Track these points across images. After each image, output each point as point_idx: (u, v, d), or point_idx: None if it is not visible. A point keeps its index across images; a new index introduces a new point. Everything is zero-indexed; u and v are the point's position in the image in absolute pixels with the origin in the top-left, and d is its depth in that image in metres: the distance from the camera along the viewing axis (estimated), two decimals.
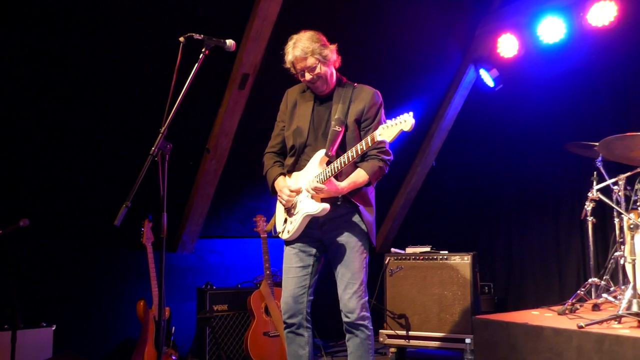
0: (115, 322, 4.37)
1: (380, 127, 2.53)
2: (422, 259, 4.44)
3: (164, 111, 2.38)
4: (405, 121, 2.46)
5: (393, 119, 2.49)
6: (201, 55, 2.50)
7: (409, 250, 4.63)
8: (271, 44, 4.20)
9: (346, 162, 2.62)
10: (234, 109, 4.41)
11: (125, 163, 4.14)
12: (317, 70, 2.76)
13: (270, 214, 5.11)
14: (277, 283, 4.39)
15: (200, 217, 4.76)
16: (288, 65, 2.82)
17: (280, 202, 2.88)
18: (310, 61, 2.75)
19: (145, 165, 2.29)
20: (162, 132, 2.37)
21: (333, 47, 2.83)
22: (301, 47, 2.75)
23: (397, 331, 4.36)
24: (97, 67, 3.88)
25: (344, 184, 2.70)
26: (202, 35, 2.51)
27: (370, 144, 2.56)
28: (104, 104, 4.04)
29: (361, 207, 2.78)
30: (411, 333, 4.33)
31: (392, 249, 4.64)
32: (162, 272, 2.29)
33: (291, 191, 2.78)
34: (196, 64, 2.49)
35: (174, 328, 4.02)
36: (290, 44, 2.80)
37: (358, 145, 2.59)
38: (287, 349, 2.87)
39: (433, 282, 4.34)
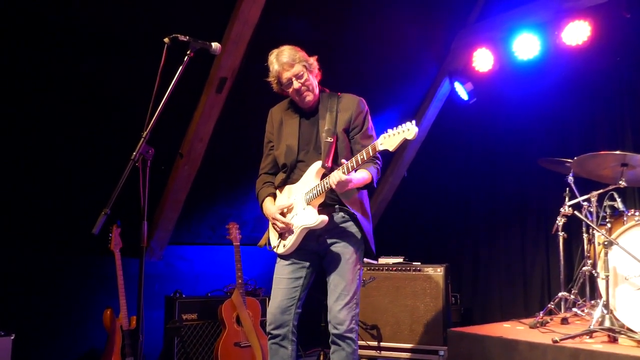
0: (79, 331, 4.20)
1: (382, 136, 2.50)
2: (395, 270, 4.44)
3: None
4: (409, 130, 2.43)
5: (395, 127, 2.46)
6: (186, 57, 2.44)
7: (382, 260, 4.62)
8: (251, 48, 4.13)
9: (346, 173, 2.58)
10: (210, 114, 4.31)
11: (94, 167, 3.99)
12: (305, 78, 2.74)
13: (243, 220, 5.05)
14: (248, 292, 4.31)
15: (170, 223, 4.63)
16: (272, 77, 2.79)
17: (276, 230, 2.82)
18: (298, 68, 2.73)
19: (126, 170, 2.20)
20: (144, 136, 2.29)
21: (314, 58, 2.83)
22: (287, 54, 2.74)
23: (368, 342, 4.34)
24: (74, 69, 3.72)
25: (357, 175, 2.64)
26: (187, 37, 2.44)
27: (371, 154, 2.53)
28: (75, 107, 3.88)
29: (358, 215, 2.76)
30: (383, 344, 4.32)
31: (365, 259, 4.61)
32: (141, 282, 2.20)
33: (281, 211, 2.75)
34: (180, 67, 2.42)
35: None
36: (273, 56, 2.78)
37: (358, 155, 2.55)
38: None
39: (405, 293, 4.34)
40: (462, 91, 5.48)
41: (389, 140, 2.46)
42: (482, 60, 5.28)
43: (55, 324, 4.10)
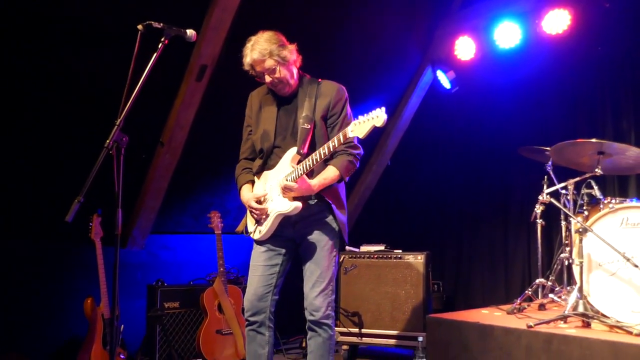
0: (61, 320, 4.18)
1: (352, 123, 2.50)
2: (377, 258, 4.47)
3: (118, 102, 2.29)
4: (378, 117, 2.44)
5: (365, 114, 2.47)
6: (160, 44, 2.41)
7: (364, 248, 4.65)
8: (231, 35, 4.10)
9: (318, 160, 2.59)
10: (191, 101, 4.28)
11: (74, 155, 3.96)
12: (277, 73, 2.74)
13: (225, 209, 5.05)
14: (230, 280, 4.33)
15: (152, 212, 4.61)
16: (247, 67, 2.78)
17: (253, 217, 2.83)
18: (269, 63, 2.72)
19: (99, 158, 2.20)
20: (117, 124, 2.28)
21: (292, 46, 2.79)
22: (259, 49, 2.71)
23: (349, 329, 4.38)
24: (48, 55, 3.68)
25: (316, 182, 2.68)
26: (161, 24, 2.41)
27: (342, 141, 2.53)
28: (52, 92, 3.84)
29: (333, 206, 2.78)
30: (364, 331, 4.36)
31: (347, 247, 4.64)
32: (117, 270, 2.20)
33: (257, 199, 2.76)
34: (155, 54, 2.40)
35: (122, 326, 3.87)
36: (248, 46, 2.76)
37: (330, 142, 2.56)
38: (247, 347, 2.83)
39: (387, 280, 4.38)
40: (444, 80, 5.49)
41: (359, 127, 2.46)
42: (464, 48, 5.30)
43: (37, 313, 4.09)
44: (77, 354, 3.68)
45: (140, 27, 2.39)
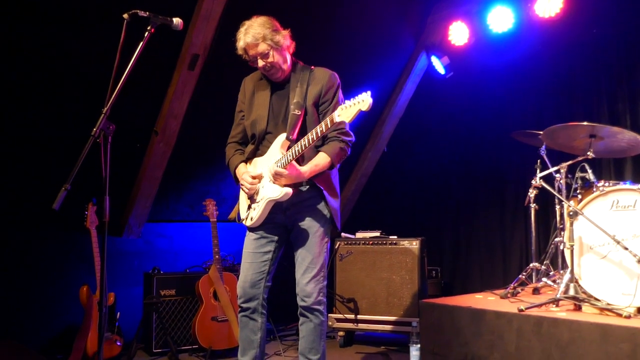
0: (57, 308, 4.24)
1: (339, 108, 2.50)
2: (372, 244, 4.49)
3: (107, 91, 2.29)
4: (363, 101, 2.43)
5: (351, 99, 2.47)
6: (146, 33, 2.40)
7: (359, 235, 4.67)
8: (223, 24, 4.09)
9: (307, 145, 2.59)
10: (184, 91, 4.29)
11: (71, 143, 3.97)
12: (270, 58, 2.74)
13: (220, 197, 5.07)
14: (226, 268, 4.35)
15: (148, 201, 4.64)
16: (240, 52, 2.78)
17: (244, 190, 2.84)
18: (262, 47, 2.72)
19: (86, 146, 2.20)
20: (104, 112, 2.28)
21: (286, 32, 2.80)
22: (252, 33, 2.71)
23: (345, 315, 4.41)
24: (37, 42, 3.68)
25: (306, 168, 2.69)
26: (147, 13, 2.41)
27: (329, 126, 2.53)
28: (44, 81, 3.84)
29: (325, 192, 2.78)
30: (359, 317, 4.39)
31: (343, 234, 4.66)
32: (104, 257, 2.22)
33: (253, 178, 2.76)
34: (141, 43, 2.40)
35: (118, 314, 3.93)
36: (241, 30, 2.76)
37: (317, 127, 2.56)
38: (240, 333, 2.86)
39: (382, 266, 4.40)
40: (439, 65, 5.47)
41: (346, 111, 2.46)
42: (458, 33, 5.27)
43: (34, 301, 4.14)
44: (73, 342, 3.72)
45: (125, 15, 2.38)
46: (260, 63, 2.76)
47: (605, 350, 2.60)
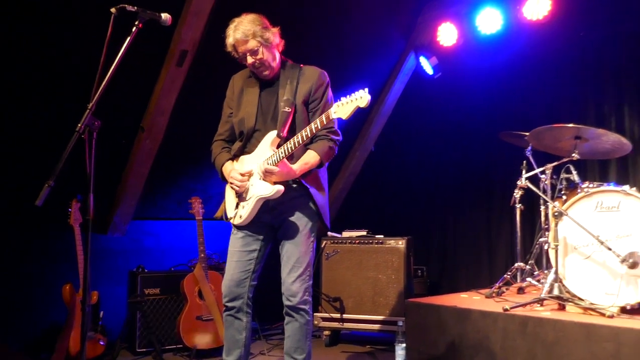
0: (40, 306, 4.17)
1: (335, 104, 2.49)
2: (358, 243, 4.49)
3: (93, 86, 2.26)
4: (361, 97, 2.43)
5: (348, 95, 2.46)
6: (134, 28, 2.37)
7: (346, 234, 4.67)
8: (212, 20, 4.07)
9: (299, 142, 2.58)
10: (171, 87, 4.25)
11: (57, 140, 3.92)
12: (260, 54, 2.73)
13: (207, 195, 5.03)
14: (211, 266, 4.33)
15: (134, 198, 4.60)
16: (229, 48, 2.77)
17: (233, 188, 2.82)
18: (252, 44, 2.71)
19: (70, 142, 2.16)
20: (89, 108, 2.25)
21: (276, 30, 2.79)
22: (242, 29, 2.70)
23: (331, 314, 4.41)
24: (23, 36, 3.63)
25: (297, 166, 2.68)
26: (135, 8, 2.38)
27: (325, 122, 2.52)
28: (29, 75, 3.79)
29: (313, 190, 2.77)
30: (345, 316, 4.39)
31: (329, 233, 4.66)
32: (88, 255, 2.19)
33: (242, 175, 2.74)
34: (128, 38, 2.37)
35: (102, 313, 3.88)
36: (231, 26, 2.75)
37: (312, 124, 2.55)
38: (225, 332, 2.84)
39: (368, 265, 4.40)
40: (427, 66, 5.49)
41: (342, 108, 2.46)
42: (447, 34, 5.30)
43: (16, 300, 4.08)
44: (56, 341, 3.67)
45: (113, 10, 2.35)
46: (250, 60, 2.75)
47: (589, 349, 2.63)
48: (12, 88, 3.77)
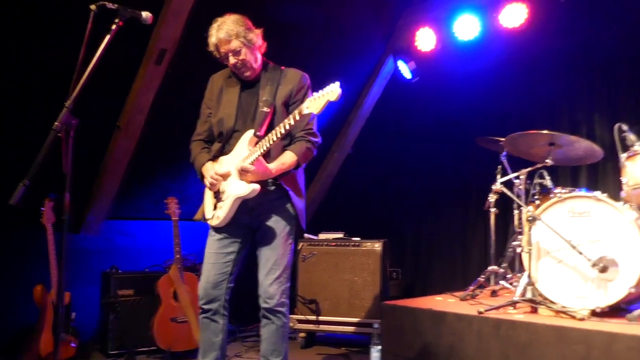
0: (10, 308, 4.08)
1: (308, 100, 2.50)
2: (335, 245, 4.50)
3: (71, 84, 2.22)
4: (332, 91, 2.44)
5: (320, 90, 2.48)
6: (114, 26, 2.35)
7: (322, 236, 4.68)
8: (192, 20, 4.04)
9: (274, 140, 2.58)
10: (150, 85, 4.21)
11: (31, 138, 3.84)
12: (242, 55, 2.73)
13: (184, 195, 4.98)
14: (187, 267, 4.29)
15: (109, 197, 4.54)
16: (211, 48, 2.77)
17: (206, 185, 2.80)
18: (235, 44, 2.70)
19: (47, 141, 2.13)
20: (67, 106, 2.22)
21: (258, 31, 2.80)
22: (225, 29, 2.70)
23: (307, 316, 4.41)
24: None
25: (273, 166, 2.68)
26: (116, 5, 2.35)
27: (298, 118, 2.53)
28: (4, 71, 3.70)
29: (291, 192, 2.77)
30: (321, 318, 4.40)
31: (306, 235, 4.66)
32: (62, 256, 2.16)
33: (218, 174, 2.72)
34: (108, 36, 2.34)
35: (74, 314, 3.82)
36: (214, 26, 2.74)
37: (286, 120, 2.55)
38: (201, 334, 2.82)
39: (345, 268, 4.42)
40: (405, 70, 5.54)
41: (314, 103, 2.47)
42: (425, 39, 5.35)
43: None
44: (27, 343, 3.60)
45: (93, 7, 2.32)
46: (232, 60, 2.74)
47: (561, 351, 2.68)
48: None
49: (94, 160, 4.39)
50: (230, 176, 2.73)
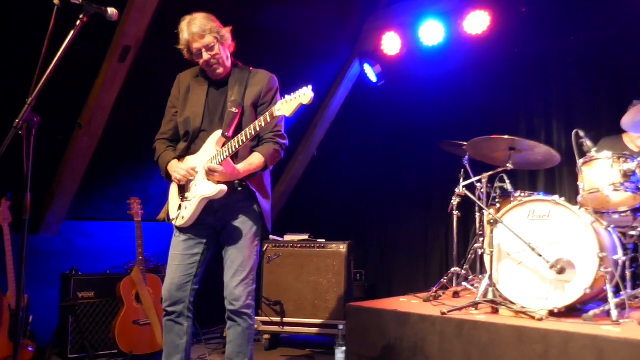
0: None
1: (279, 102, 2.49)
2: (300, 247, 4.51)
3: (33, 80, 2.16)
4: (305, 94, 2.45)
5: (292, 93, 2.47)
6: (78, 22, 2.29)
7: (287, 237, 4.68)
8: (157, 17, 3.98)
9: (244, 141, 2.57)
10: (113, 82, 4.13)
11: None
12: (216, 50, 2.70)
13: (146, 195, 4.91)
14: (150, 269, 4.22)
15: (68, 197, 4.42)
16: (182, 45, 2.73)
17: (175, 180, 2.76)
18: (208, 39, 2.68)
19: (7, 138, 2.07)
20: (29, 102, 2.16)
21: (228, 29, 2.78)
22: (199, 24, 2.68)
23: (271, 318, 4.40)
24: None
25: (241, 166, 2.66)
26: (80, 0, 2.30)
27: (269, 120, 2.52)
28: None
29: (258, 194, 2.76)
30: (286, 319, 4.39)
31: (271, 237, 4.65)
32: (23, 257, 2.09)
33: (190, 168, 2.69)
34: (72, 31, 2.29)
35: (31, 317, 3.70)
36: (184, 23, 2.71)
37: (257, 122, 2.54)
38: (165, 337, 2.78)
39: (310, 269, 4.43)
40: (371, 73, 5.59)
41: (286, 106, 2.47)
42: (391, 44, 5.41)
43: None
44: None
45: (56, 1, 2.26)
46: (206, 56, 2.70)
47: (520, 350, 2.76)
48: None
49: (54, 158, 4.27)
50: (197, 175, 2.70)
